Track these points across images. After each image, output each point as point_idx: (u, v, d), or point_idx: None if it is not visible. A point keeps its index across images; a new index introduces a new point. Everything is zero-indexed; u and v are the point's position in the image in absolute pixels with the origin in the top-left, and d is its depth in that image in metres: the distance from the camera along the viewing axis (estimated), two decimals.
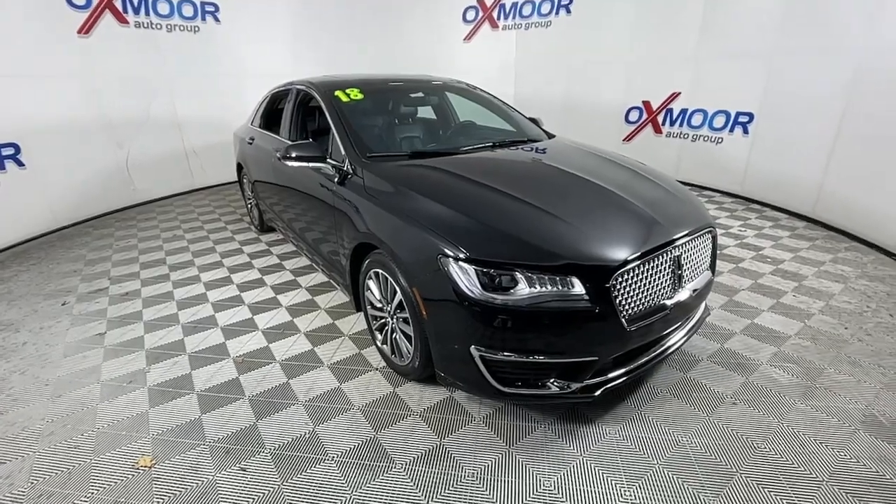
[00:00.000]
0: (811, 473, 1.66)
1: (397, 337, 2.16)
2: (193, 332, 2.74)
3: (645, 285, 1.76)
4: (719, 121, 5.18)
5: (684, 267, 1.89)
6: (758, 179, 4.92)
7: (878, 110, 3.67)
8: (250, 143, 3.97)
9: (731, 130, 5.08)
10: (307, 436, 1.91)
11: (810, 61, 4.19)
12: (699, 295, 2.00)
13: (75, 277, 3.61)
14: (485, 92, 3.57)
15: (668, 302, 1.84)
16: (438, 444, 1.85)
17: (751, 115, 4.85)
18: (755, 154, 4.89)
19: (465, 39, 7.28)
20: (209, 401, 2.14)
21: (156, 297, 3.21)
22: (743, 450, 1.78)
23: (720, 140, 5.22)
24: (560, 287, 1.64)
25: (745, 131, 4.93)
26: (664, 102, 5.68)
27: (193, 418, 2.03)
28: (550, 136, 3.09)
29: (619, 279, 1.67)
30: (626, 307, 1.71)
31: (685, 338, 2.06)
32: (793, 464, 1.71)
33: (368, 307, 2.37)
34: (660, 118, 5.80)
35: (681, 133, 5.63)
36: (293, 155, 2.48)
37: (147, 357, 2.51)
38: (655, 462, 1.73)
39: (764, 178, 4.84)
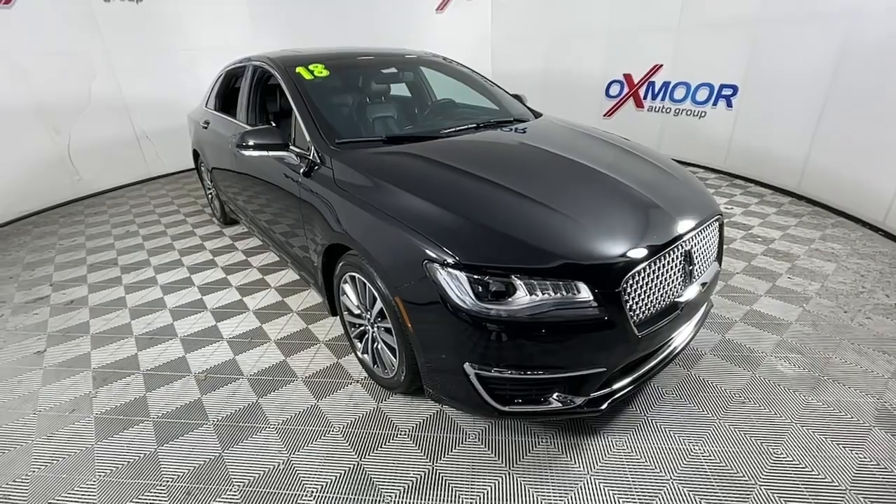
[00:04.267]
0: (832, 481, 1.55)
1: (379, 347, 1.94)
2: (149, 346, 2.44)
3: (655, 285, 1.57)
4: (703, 94, 5.03)
5: (695, 261, 1.71)
6: (742, 154, 4.81)
7: (865, 83, 3.56)
8: (205, 128, 3.58)
9: (715, 104, 4.93)
10: (281, 466, 1.68)
11: (796, 31, 4.03)
12: (708, 289, 1.84)
13: (10, 285, 3.21)
14: (463, 66, 3.28)
15: (679, 300, 1.67)
16: (431, 468, 1.65)
17: (735, 88, 4.70)
18: (739, 128, 4.76)
19: (437, 10, 6.86)
20: (167, 429, 1.88)
21: (105, 305, 2.87)
22: (759, 456, 1.65)
23: (703, 114, 5.08)
24: (564, 293, 1.44)
25: (729, 105, 4.79)
26: (646, 75, 5.48)
27: (149, 452, 1.77)
28: (537, 114, 2.84)
29: (630, 281, 1.48)
30: (637, 311, 1.53)
31: (693, 335, 1.91)
32: (812, 470, 1.59)
33: (345, 313, 2.13)
34: (641, 91, 5.61)
35: (663, 107, 5.46)
36: (250, 143, 2.17)
37: (94, 378, 2.21)
38: (668, 477, 1.59)
39: (748, 153, 4.73)
